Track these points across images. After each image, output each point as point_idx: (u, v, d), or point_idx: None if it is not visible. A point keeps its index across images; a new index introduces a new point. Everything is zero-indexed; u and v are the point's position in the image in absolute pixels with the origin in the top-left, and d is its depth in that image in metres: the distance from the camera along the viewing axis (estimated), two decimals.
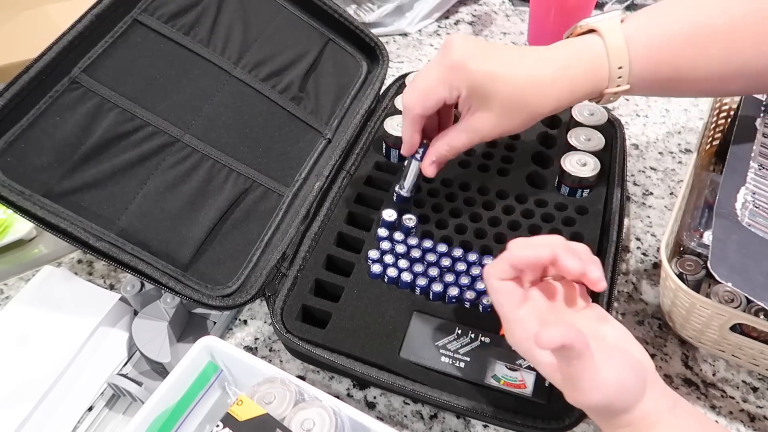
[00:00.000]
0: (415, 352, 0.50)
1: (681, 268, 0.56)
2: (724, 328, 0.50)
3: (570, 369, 0.37)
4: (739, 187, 0.53)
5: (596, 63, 0.49)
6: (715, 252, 0.48)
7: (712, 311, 0.49)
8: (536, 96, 0.49)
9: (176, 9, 0.60)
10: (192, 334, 0.56)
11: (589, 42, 0.49)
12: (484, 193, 0.61)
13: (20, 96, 0.49)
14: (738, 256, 0.47)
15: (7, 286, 0.61)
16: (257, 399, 0.43)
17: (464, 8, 0.97)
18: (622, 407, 0.38)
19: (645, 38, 0.49)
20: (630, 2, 0.94)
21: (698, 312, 0.51)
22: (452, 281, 0.54)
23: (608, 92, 0.50)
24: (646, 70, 0.49)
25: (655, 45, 0.49)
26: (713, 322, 0.51)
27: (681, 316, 0.53)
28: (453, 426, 0.52)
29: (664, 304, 0.56)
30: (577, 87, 0.50)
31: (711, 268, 0.46)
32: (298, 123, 0.65)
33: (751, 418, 0.52)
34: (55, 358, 0.53)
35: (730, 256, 0.47)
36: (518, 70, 0.49)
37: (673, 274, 0.50)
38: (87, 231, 0.49)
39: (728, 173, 0.54)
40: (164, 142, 0.56)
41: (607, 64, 0.49)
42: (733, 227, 0.50)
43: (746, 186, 0.53)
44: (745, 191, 0.52)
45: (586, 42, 0.49)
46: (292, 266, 0.56)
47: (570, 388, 0.39)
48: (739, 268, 0.46)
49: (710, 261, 0.47)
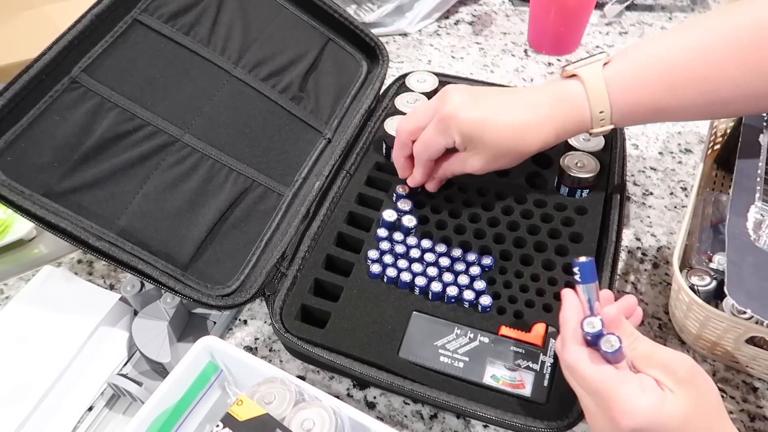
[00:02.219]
0: (414, 352, 0.50)
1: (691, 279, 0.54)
2: (740, 340, 0.50)
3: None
4: (749, 206, 0.52)
5: (578, 108, 0.52)
6: (732, 276, 0.47)
7: (728, 324, 0.49)
8: (523, 140, 0.53)
9: (176, 9, 0.60)
10: (192, 334, 0.56)
11: (572, 88, 0.52)
12: (484, 193, 0.61)
13: (20, 96, 0.49)
14: (754, 279, 0.46)
15: (7, 286, 0.61)
16: (257, 399, 0.43)
17: (464, 8, 0.97)
18: None
19: (624, 83, 0.51)
20: (630, 2, 0.94)
21: (713, 325, 0.50)
22: (451, 281, 0.54)
23: (594, 131, 0.53)
24: (626, 112, 0.52)
25: (633, 89, 0.51)
26: (728, 335, 0.50)
27: (694, 328, 0.53)
28: (453, 426, 0.52)
29: (677, 317, 0.55)
30: (562, 129, 0.53)
31: (729, 293, 0.45)
32: (298, 123, 0.65)
33: (751, 418, 0.52)
34: (55, 358, 0.53)
35: (746, 279, 0.46)
36: (506, 116, 0.52)
37: (687, 286, 0.50)
38: (87, 230, 0.49)
39: (736, 191, 0.53)
40: (164, 141, 0.56)
41: (588, 109, 0.52)
42: (747, 248, 0.49)
43: (756, 204, 0.52)
44: (755, 209, 0.52)
45: (569, 88, 0.52)
46: (291, 266, 0.56)
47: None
48: (757, 293, 0.45)
49: (727, 287, 0.46)
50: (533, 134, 0.53)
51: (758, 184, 0.54)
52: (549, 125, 0.52)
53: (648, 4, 0.97)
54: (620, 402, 0.37)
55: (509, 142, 0.53)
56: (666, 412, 0.37)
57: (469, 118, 0.52)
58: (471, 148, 0.54)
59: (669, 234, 0.66)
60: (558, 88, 0.53)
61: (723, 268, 0.54)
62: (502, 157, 0.54)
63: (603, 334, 0.39)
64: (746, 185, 0.54)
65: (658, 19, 0.94)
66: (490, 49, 0.90)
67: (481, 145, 0.53)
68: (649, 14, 0.96)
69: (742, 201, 0.53)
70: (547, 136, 0.53)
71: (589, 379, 0.39)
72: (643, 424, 0.37)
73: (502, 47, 0.90)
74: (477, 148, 0.53)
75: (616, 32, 0.92)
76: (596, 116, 0.52)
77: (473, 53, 0.89)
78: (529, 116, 0.52)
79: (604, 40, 0.91)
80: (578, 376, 0.40)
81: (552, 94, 0.53)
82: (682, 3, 0.97)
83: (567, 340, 0.41)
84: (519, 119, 0.52)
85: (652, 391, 0.37)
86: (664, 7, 0.96)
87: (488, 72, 0.86)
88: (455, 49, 0.90)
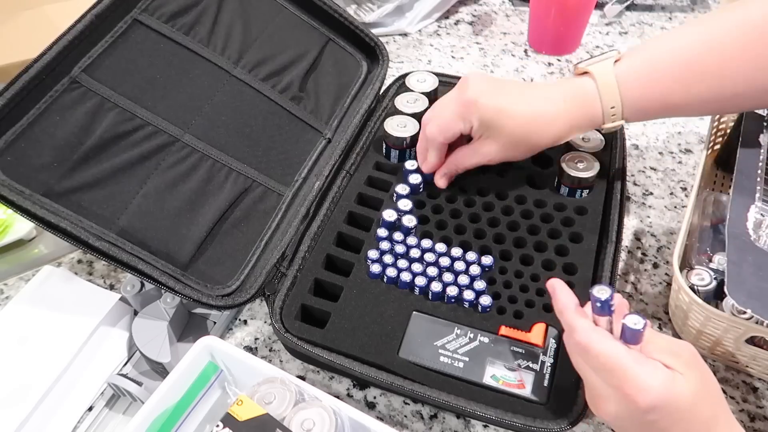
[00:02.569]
0: (414, 352, 0.50)
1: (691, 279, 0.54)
2: (740, 340, 0.50)
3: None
4: (749, 206, 0.52)
5: (591, 104, 0.53)
6: (732, 276, 0.47)
7: (728, 324, 0.49)
8: (538, 131, 0.54)
9: (176, 9, 0.60)
10: (192, 334, 0.56)
11: (584, 85, 0.54)
12: (484, 194, 0.61)
13: (20, 96, 0.49)
14: (754, 279, 0.47)
15: (7, 286, 0.61)
16: (257, 399, 0.43)
17: (464, 8, 0.97)
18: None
19: (635, 79, 0.52)
20: (630, 2, 0.94)
21: (713, 325, 0.50)
22: (451, 281, 0.54)
23: (605, 127, 0.54)
24: (637, 108, 0.53)
25: (644, 85, 0.52)
26: (728, 335, 0.50)
27: (694, 328, 0.53)
28: (453, 426, 0.52)
29: (677, 317, 0.55)
30: (575, 124, 0.55)
31: (729, 293, 0.46)
32: (298, 123, 0.65)
33: (751, 418, 0.52)
34: (55, 358, 0.53)
35: (746, 279, 0.47)
36: (523, 106, 0.54)
37: (687, 286, 0.50)
38: (87, 230, 0.49)
39: (737, 191, 0.53)
40: (164, 141, 0.56)
41: (600, 105, 0.53)
42: (747, 248, 0.49)
43: (756, 204, 0.52)
44: (755, 209, 0.52)
45: (582, 85, 0.54)
46: (291, 266, 0.56)
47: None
48: (757, 293, 0.46)
49: (727, 286, 0.46)
50: (548, 127, 0.54)
51: (758, 184, 0.54)
52: (563, 120, 0.54)
53: (648, 4, 0.97)
54: (636, 380, 0.38)
55: (525, 131, 0.54)
56: (677, 390, 0.38)
57: (489, 105, 0.54)
58: (487, 136, 0.55)
59: (669, 234, 0.66)
60: (571, 85, 0.54)
61: (723, 268, 0.54)
62: (516, 147, 0.56)
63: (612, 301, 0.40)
64: (746, 185, 0.54)
65: (658, 19, 0.94)
66: (490, 49, 0.90)
67: (498, 133, 0.54)
68: (649, 14, 0.96)
69: (743, 201, 0.53)
70: (561, 130, 0.54)
71: (603, 357, 0.39)
72: (657, 401, 0.37)
73: (502, 47, 0.90)
74: (493, 135, 0.55)
75: (616, 32, 0.92)
76: (608, 112, 0.53)
77: (473, 53, 0.89)
78: (546, 109, 0.54)
79: (604, 40, 0.91)
80: (592, 356, 0.40)
81: (566, 91, 0.54)
82: (682, 3, 0.97)
83: (574, 322, 0.42)
84: (536, 111, 0.54)
85: (663, 370, 0.38)
86: (664, 7, 0.96)
87: (488, 72, 0.86)
88: (455, 49, 0.90)
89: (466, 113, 0.55)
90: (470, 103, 0.54)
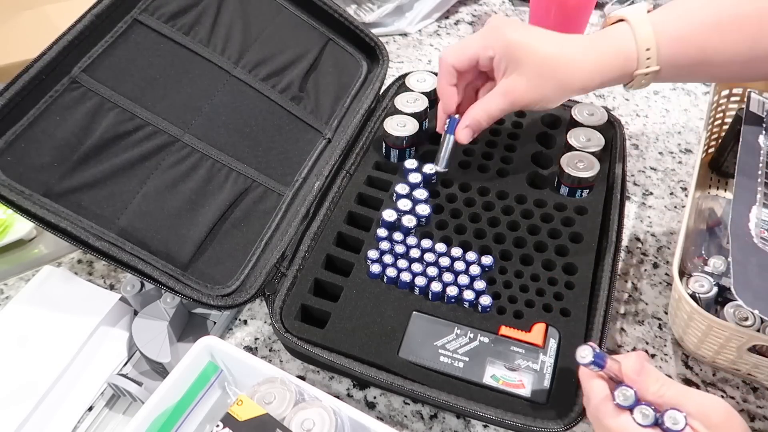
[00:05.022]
0: (414, 352, 0.50)
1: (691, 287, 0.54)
2: (742, 349, 0.50)
3: None
4: (751, 206, 0.52)
5: (624, 45, 0.51)
6: (737, 276, 0.46)
7: (730, 333, 0.49)
8: (565, 68, 0.52)
9: (176, 9, 0.60)
10: (192, 334, 0.56)
11: (617, 28, 0.52)
12: (484, 193, 0.61)
13: (20, 96, 0.49)
14: (759, 280, 0.46)
15: (7, 286, 0.61)
16: (257, 399, 0.43)
17: (464, 8, 0.97)
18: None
19: (671, 23, 0.51)
20: (630, 2, 0.94)
21: (715, 334, 0.50)
22: (451, 281, 0.54)
23: (639, 74, 0.52)
24: (673, 52, 0.51)
25: (681, 29, 0.51)
26: (731, 343, 0.50)
27: (695, 337, 0.52)
28: (453, 426, 0.52)
29: (677, 326, 0.55)
30: (606, 66, 0.52)
31: (736, 293, 0.45)
32: (298, 123, 0.65)
33: (751, 418, 0.52)
34: (55, 358, 0.53)
35: (752, 280, 0.46)
36: (549, 43, 0.53)
37: (687, 296, 0.49)
38: (87, 230, 0.49)
39: (738, 192, 0.53)
40: (164, 141, 0.56)
41: (635, 46, 0.51)
42: (751, 249, 0.49)
43: (756, 205, 0.52)
44: (756, 210, 0.52)
45: (614, 28, 0.52)
46: (291, 266, 0.56)
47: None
48: (764, 294, 0.45)
49: (734, 286, 0.45)
50: (576, 64, 0.52)
51: (759, 185, 0.54)
52: (592, 57, 0.52)
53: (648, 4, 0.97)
54: None
55: (551, 67, 0.52)
56: None
57: (514, 36, 0.52)
58: (512, 69, 0.53)
59: (669, 234, 0.66)
60: (603, 33, 0.53)
61: (719, 272, 0.54)
62: (544, 84, 0.53)
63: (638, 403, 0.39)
64: (747, 186, 0.54)
65: None
66: None
67: (522, 66, 0.52)
68: None
69: (744, 202, 0.53)
70: (590, 74, 0.52)
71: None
72: None
73: None
74: (517, 68, 0.52)
75: None
76: (642, 54, 0.51)
77: None
78: (575, 50, 0.52)
79: None
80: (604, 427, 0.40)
81: (597, 37, 0.53)
82: None
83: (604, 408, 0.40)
84: (564, 49, 0.52)
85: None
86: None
87: None
88: None
89: (488, 38, 0.53)
90: (496, 29, 0.53)
